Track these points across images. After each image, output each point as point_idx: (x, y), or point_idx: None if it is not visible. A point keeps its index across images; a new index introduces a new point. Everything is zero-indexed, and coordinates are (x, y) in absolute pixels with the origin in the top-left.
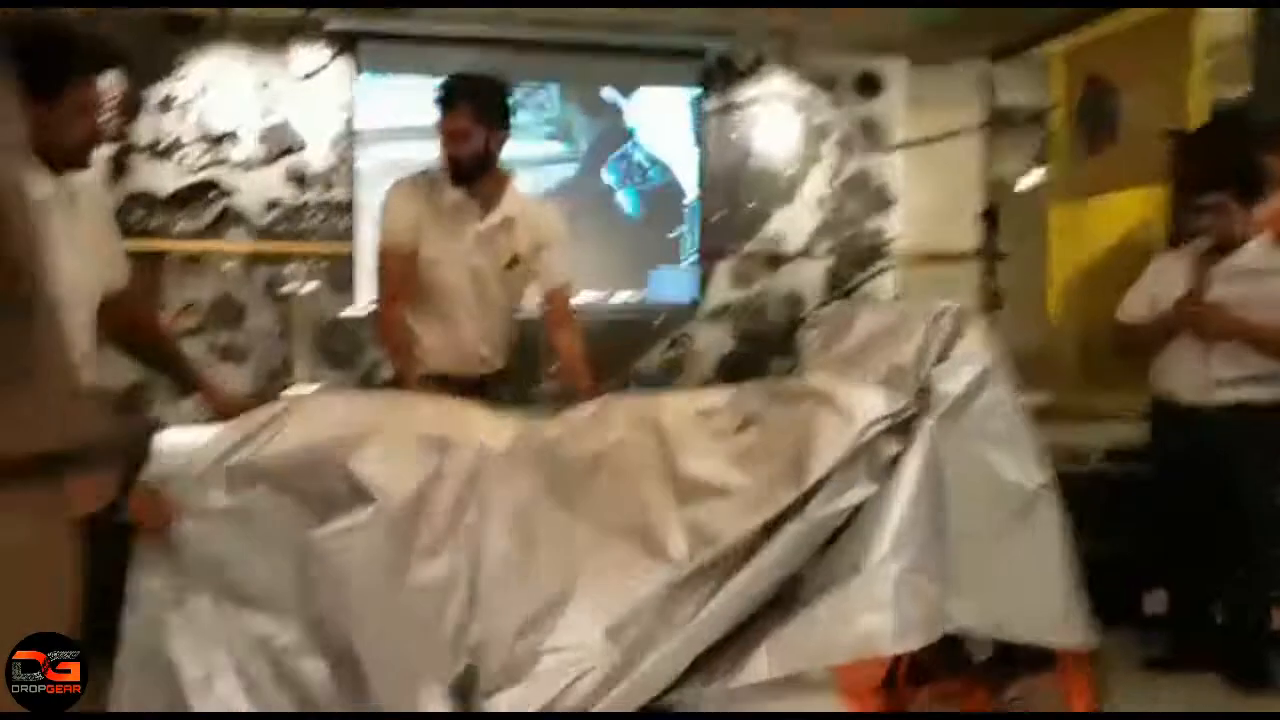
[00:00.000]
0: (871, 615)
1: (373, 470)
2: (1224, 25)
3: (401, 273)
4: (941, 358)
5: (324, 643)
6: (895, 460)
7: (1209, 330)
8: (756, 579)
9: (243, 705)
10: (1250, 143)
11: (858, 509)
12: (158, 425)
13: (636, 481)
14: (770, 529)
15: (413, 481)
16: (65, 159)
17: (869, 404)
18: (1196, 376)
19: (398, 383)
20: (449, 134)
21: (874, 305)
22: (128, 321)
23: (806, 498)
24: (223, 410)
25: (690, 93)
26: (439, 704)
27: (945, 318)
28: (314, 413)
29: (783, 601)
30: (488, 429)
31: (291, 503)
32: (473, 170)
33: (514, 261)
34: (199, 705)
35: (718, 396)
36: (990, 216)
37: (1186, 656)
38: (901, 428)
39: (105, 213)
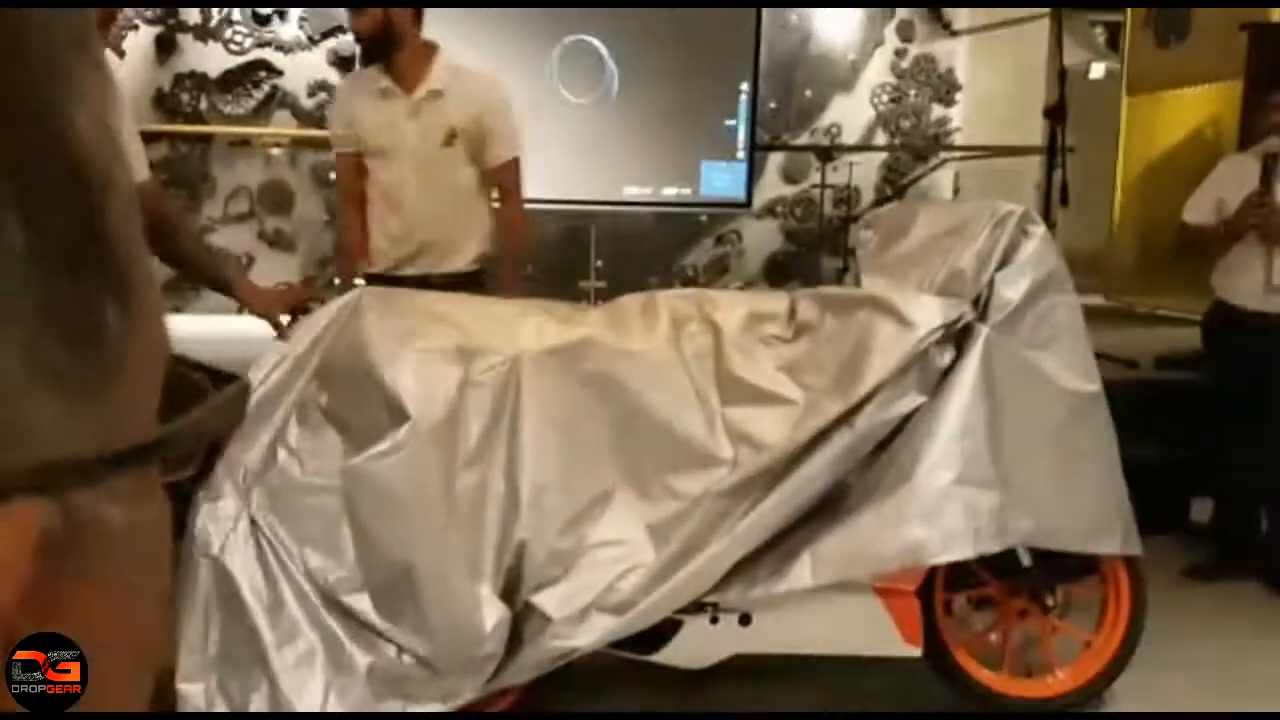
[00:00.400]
0: (918, 525)
1: (405, 387)
2: None
3: (348, 173)
4: (1004, 263)
5: (371, 570)
6: (949, 369)
7: (1273, 231)
8: (802, 487)
9: (306, 630)
10: None
11: (908, 418)
12: (249, 387)
13: (683, 379)
14: (818, 438)
15: (443, 394)
16: None
17: (927, 312)
18: (1256, 281)
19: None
20: (350, 11)
21: (934, 206)
22: (148, 221)
23: (856, 408)
24: (264, 308)
25: None
26: (489, 607)
27: (1009, 221)
28: (357, 328)
29: (827, 509)
30: (530, 328)
31: (341, 436)
32: (381, 47)
33: (451, 137)
34: (266, 626)
35: (772, 301)
36: (1057, 113)
37: (1228, 564)
38: (957, 335)
39: (121, 105)
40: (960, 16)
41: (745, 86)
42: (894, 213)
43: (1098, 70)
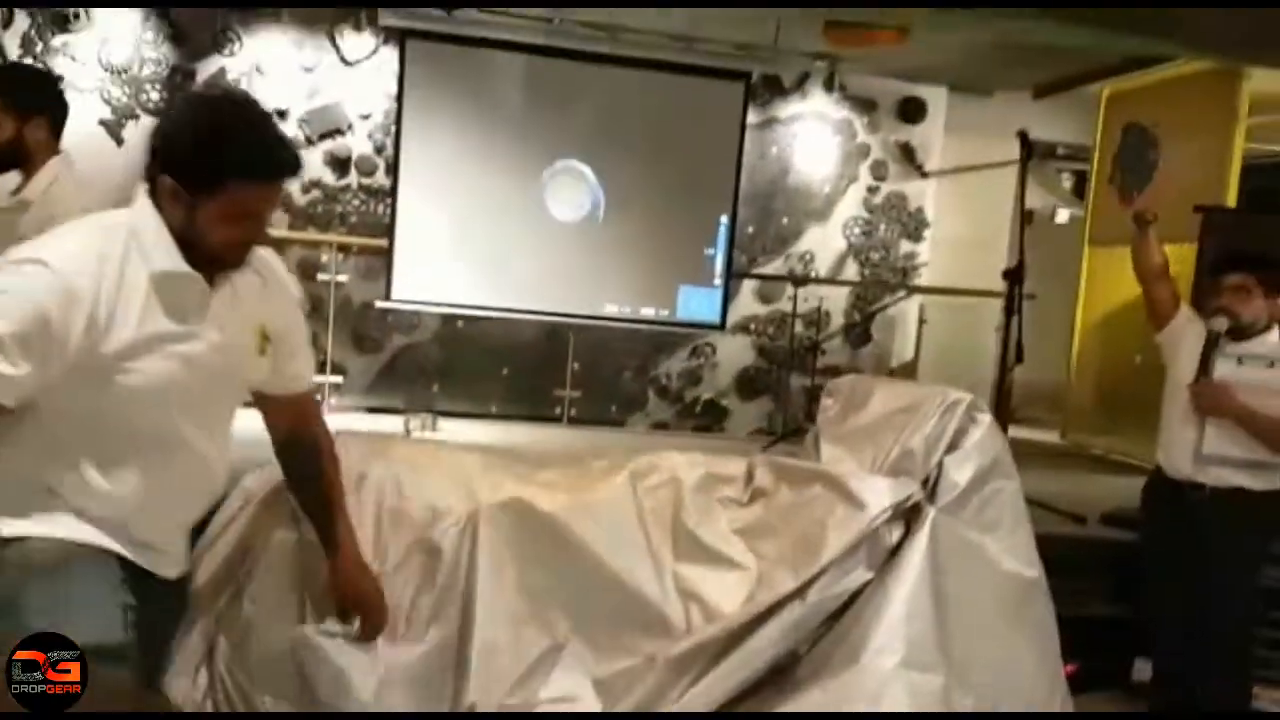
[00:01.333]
0: (863, 707)
1: None
2: (1270, 84)
3: None
4: (952, 447)
5: None
6: (897, 547)
7: (1205, 405)
8: (751, 659)
9: None
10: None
11: (857, 594)
12: None
13: (637, 533)
14: (770, 610)
15: (395, 561)
16: (210, 254)
17: (877, 494)
18: (1187, 451)
19: None
20: None
21: (890, 384)
22: (294, 432)
23: (809, 584)
24: (347, 592)
25: (734, 109)
26: None
27: (958, 408)
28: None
29: (777, 679)
30: (490, 482)
31: (307, 590)
32: (5, 161)
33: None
34: None
35: (731, 465)
36: (1015, 275)
37: None
38: (906, 513)
39: (279, 316)
40: (932, 159)
41: (724, 219)
42: (854, 384)
43: (1063, 215)
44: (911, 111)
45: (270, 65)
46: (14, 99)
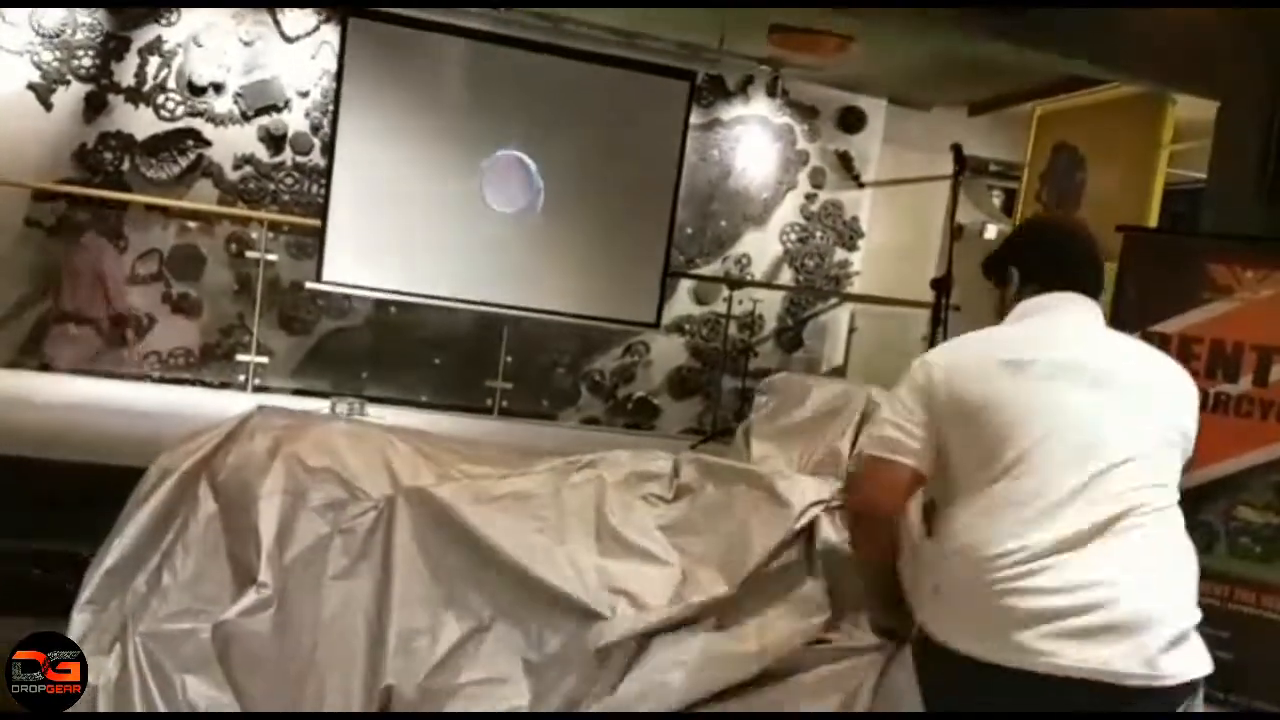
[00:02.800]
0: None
1: (270, 535)
2: (1193, 111)
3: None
4: None
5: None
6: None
7: None
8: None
9: None
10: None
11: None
12: None
13: (563, 525)
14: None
15: (313, 540)
16: None
17: (802, 493)
18: None
19: None
20: None
21: (824, 383)
22: None
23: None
24: None
25: (678, 108)
26: None
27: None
28: (247, 455)
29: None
30: (414, 467)
31: (229, 563)
32: None
33: None
34: None
35: (656, 462)
36: (942, 285)
37: None
38: (832, 509)
39: None
40: (869, 170)
41: (664, 218)
42: (788, 383)
43: (991, 231)
44: (851, 121)
45: (208, 37)
46: None
